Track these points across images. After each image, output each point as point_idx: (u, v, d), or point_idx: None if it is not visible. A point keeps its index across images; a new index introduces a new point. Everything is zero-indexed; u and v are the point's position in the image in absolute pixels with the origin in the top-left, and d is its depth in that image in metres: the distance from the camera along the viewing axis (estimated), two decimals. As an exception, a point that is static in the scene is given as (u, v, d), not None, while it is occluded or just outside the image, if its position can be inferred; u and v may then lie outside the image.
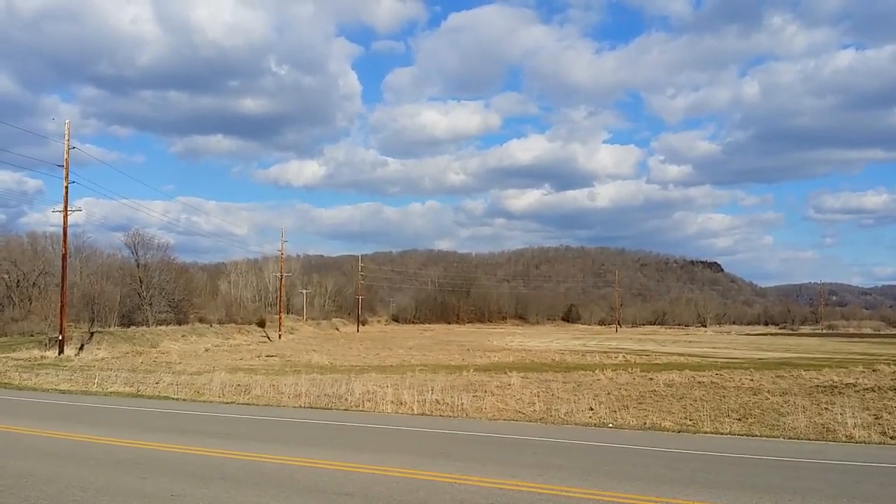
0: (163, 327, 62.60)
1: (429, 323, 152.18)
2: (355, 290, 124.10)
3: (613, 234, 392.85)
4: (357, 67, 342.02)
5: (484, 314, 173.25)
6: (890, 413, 18.01)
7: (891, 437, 14.87)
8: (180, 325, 67.45)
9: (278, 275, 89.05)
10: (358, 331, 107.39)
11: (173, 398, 22.28)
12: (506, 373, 28.96)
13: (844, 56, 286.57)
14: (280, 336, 75.49)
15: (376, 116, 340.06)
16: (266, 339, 71.99)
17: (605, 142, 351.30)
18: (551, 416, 17.92)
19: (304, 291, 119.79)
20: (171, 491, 9.30)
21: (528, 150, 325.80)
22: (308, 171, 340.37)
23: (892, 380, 27.59)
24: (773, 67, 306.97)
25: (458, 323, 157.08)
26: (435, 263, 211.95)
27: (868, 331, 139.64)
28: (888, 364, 34.95)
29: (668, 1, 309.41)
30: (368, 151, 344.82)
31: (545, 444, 13.83)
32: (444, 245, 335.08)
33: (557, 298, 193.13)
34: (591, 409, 18.60)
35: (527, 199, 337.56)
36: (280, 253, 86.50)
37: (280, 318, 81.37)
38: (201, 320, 74.38)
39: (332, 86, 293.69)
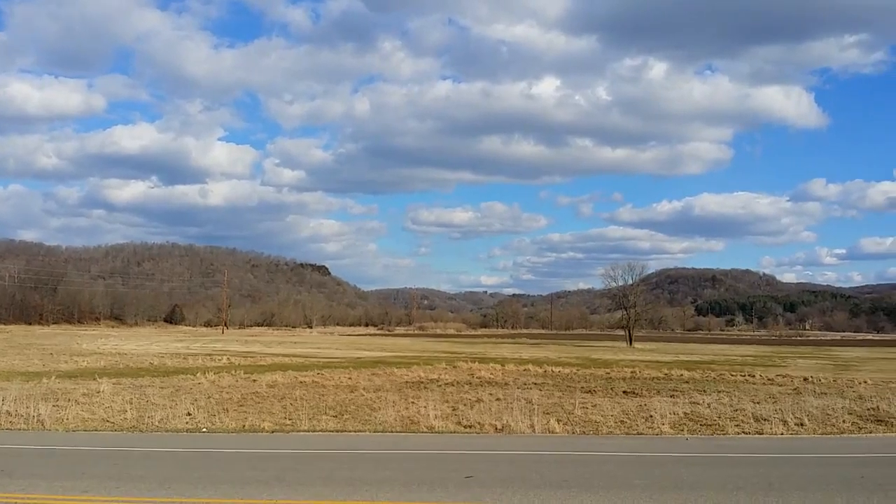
0: None
1: (4, 324, 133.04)
2: None
3: (225, 234, 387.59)
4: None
5: (74, 314, 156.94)
6: (465, 405, 20.16)
7: (464, 427, 16.59)
8: None
9: None
10: None
11: None
12: (95, 379, 26.51)
13: (443, 86, 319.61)
14: None
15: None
16: None
17: (220, 139, 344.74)
18: (144, 423, 16.76)
19: None
20: None
21: (135, 138, 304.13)
22: None
23: (468, 375, 31.18)
24: (382, 88, 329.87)
25: (41, 324, 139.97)
26: (15, 256, 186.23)
27: (452, 331, 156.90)
28: (466, 361, 39.49)
29: (289, 9, 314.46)
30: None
31: (132, 454, 12.88)
32: (28, 235, 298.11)
33: (160, 298, 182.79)
34: (189, 415, 17.81)
35: (131, 190, 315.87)
36: None
37: None
38: None
39: None
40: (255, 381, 27.20)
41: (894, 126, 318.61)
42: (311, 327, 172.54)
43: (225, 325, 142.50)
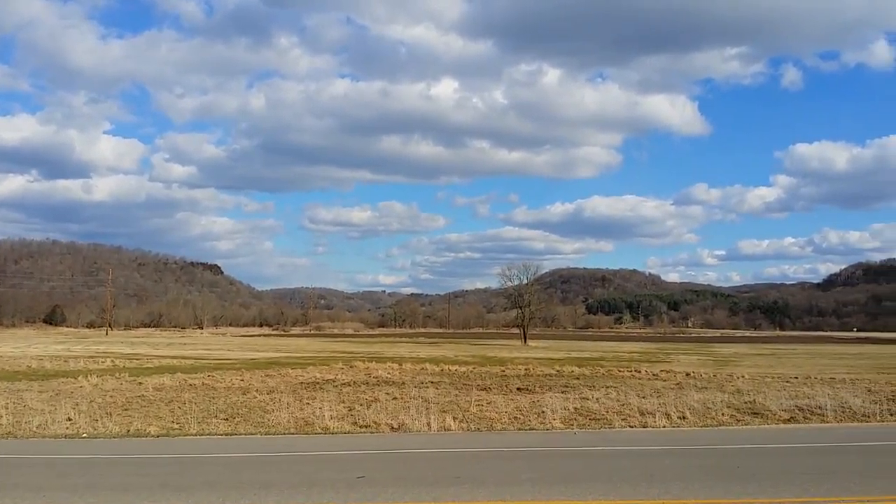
0: None
1: None
2: None
3: (111, 231, 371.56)
4: None
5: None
6: (361, 404, 19.98)
7: (360, 427, 16.45)
8: None
9: None
10: None
11: None
12: (-34, 383, 24.86)
13: (341, 84, 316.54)
14: None
15: None
16: None
17: (106, 132, 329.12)
18: (21, 429, 15.86)
19: None
20: None
21: (14, 130, 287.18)
22: None
23: (365, 375, 31.02)
24: (279, 84, 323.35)
25: None
26: None
27: (349, 331, 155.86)
28: (363, 361, 39.29)
29: (180, 1, 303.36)
30: None
31: (6, 461, 12.30)
32: None
33: (40, 298, 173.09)
34: (70, 419, 17.01)
35: (8, 185, 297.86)
36: None
37: None
38: None
39: None
40: (141, 383, 26.20)
41: (771, 135, 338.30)
42: (201, 328, 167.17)
43: (109, 325, 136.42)
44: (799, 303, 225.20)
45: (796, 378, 29.59)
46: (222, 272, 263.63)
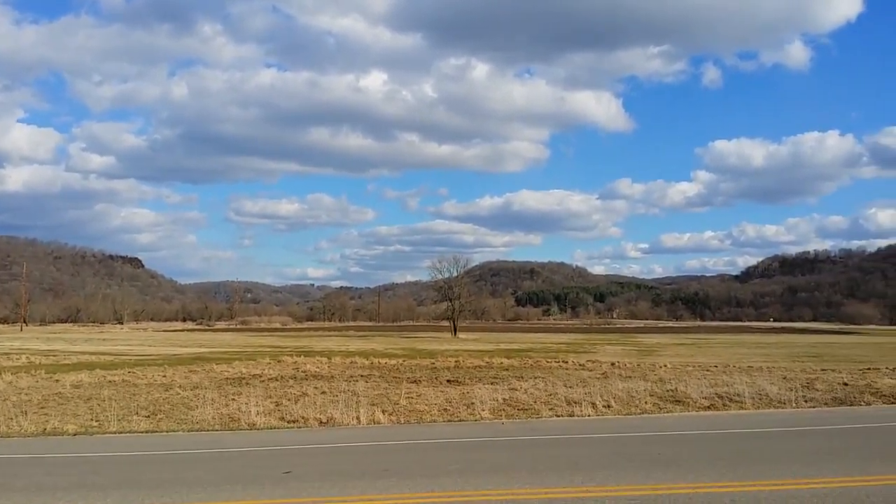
0: None
1: None
2: None
3: (25, 223, 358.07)
4: None
5: None
6: (289, 399, 19.70)
7: (288, 422, 16.22)
8: None
9: None
10: None
11: None
12: None
13: (267, 74, 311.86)
14: None
15: None
16: None
17: (20, 121, 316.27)
18: (-73, 431, 15.07)
19: None
20: None
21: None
22: None
23: (293, 369, 30.60)
24: (202, 73, 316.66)
25: None
26: None
27: (277, 325, 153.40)
28: (291, 355, 38.77)
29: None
30: None
31: None
32: None
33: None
34: (-19, 419, 16.24)
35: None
36: None
37: None
38: None
39: None
40: (57, 381, 25.27)
41: (692, 131, 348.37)
42: (121, 323, 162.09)
43: (24, 321, 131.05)
44: (718, 294, 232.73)
45: (716, 367, 30.52)
46: (143, 265, 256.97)
